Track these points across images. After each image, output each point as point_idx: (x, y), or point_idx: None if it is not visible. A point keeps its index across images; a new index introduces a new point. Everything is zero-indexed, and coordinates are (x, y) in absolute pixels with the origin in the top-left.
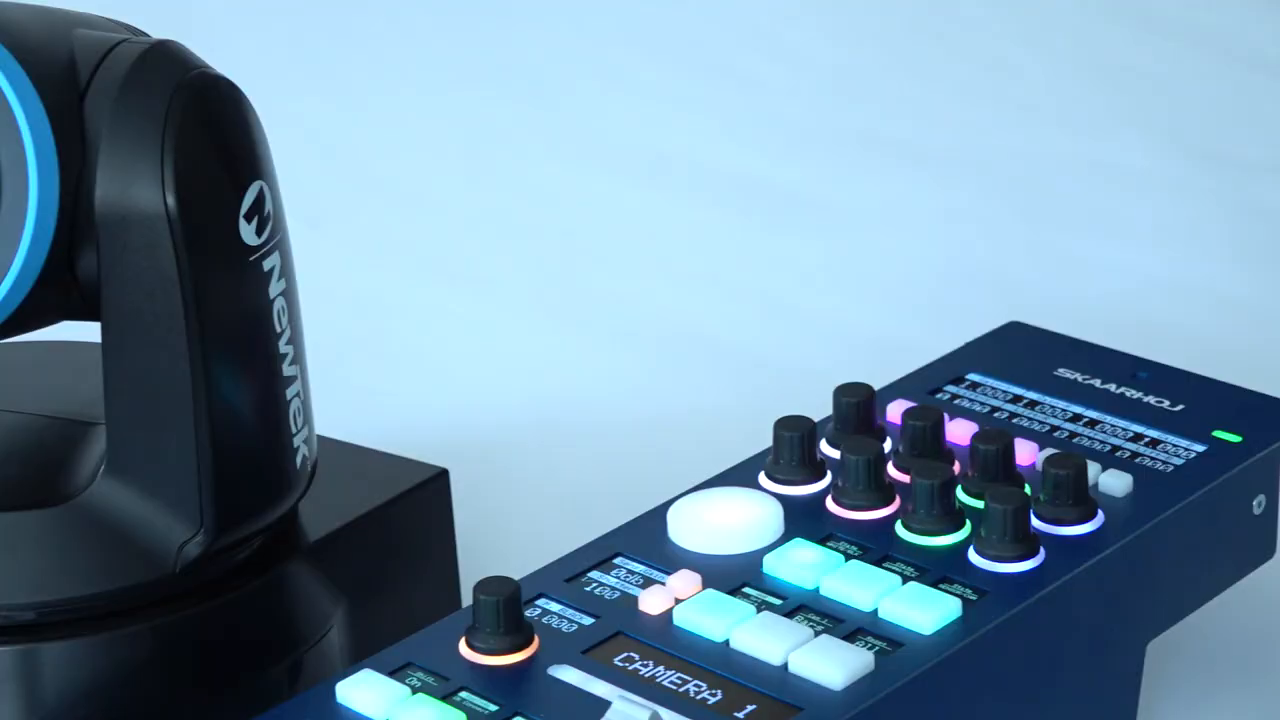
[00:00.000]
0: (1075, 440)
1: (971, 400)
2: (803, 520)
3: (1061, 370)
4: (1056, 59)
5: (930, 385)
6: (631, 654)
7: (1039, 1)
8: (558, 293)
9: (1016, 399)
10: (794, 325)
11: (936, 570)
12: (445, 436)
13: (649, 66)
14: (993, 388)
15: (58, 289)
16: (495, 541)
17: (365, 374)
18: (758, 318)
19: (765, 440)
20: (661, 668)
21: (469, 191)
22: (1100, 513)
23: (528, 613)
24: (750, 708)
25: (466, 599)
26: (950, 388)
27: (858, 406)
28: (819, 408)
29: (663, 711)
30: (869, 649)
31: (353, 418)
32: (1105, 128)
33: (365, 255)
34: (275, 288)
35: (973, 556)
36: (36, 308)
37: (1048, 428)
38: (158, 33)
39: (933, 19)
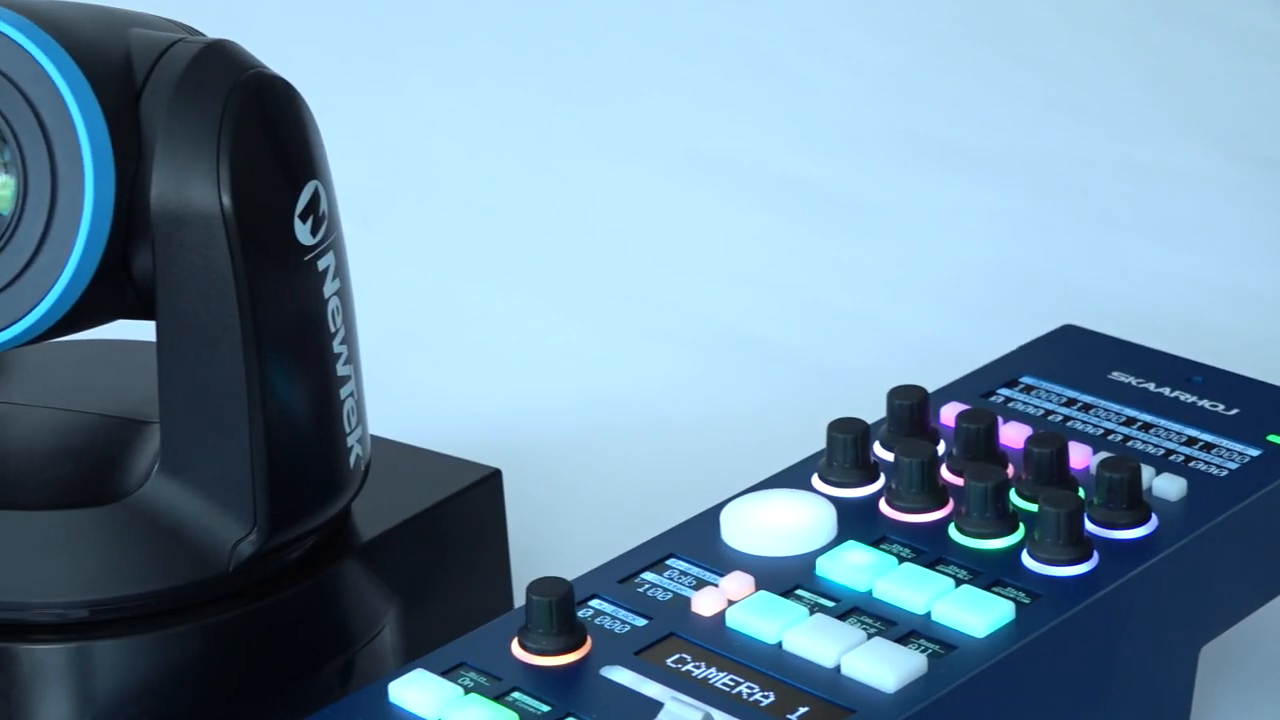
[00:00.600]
0: (1129, 444)
1: (1025, 403)
2: (856, 522)
3: (1116, 373)
4: (1108, 60)
5: (984, 388)
6: (684, 655)
7: (1091, 2)
8: (611, 294)
9: (1070, 402)
10: (847, 327)
11: (990, 573)
12: (498, 437)
13: (700, 67)
14: (1047, 391)
15: (113, 288)
16: (548, 542)
17: (418, 374)
18: (811, 320)
19: (818, 442)
20: (714, 669)
21: (522, 192)
22: (1154, 517)
23: (580, 613)
24: (802, 710)
25: (519, 599)
26: (1004, 390)
27: (911, 409)
28: (872, 410)
29: (715, 713)
30: (922, 652)
31: (406, 418)
32: (1159, 130)
33: (418, 255)
34: (330, 287)
35: (1026, 560)
36: (91, 306)
37: (1102, 431)
38: (214, 32)
39: (983, 20)
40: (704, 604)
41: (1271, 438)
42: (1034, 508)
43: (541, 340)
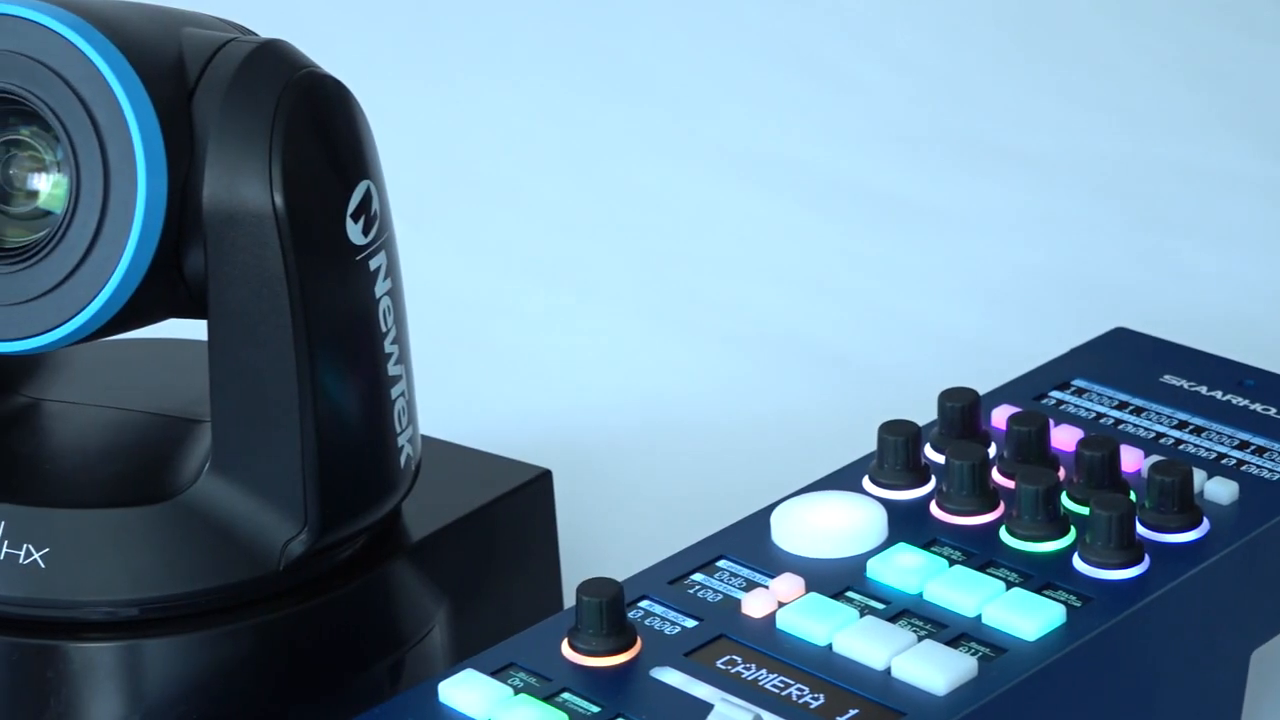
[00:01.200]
0: (1181, 447)
1: (1077, 406)
2: (906, 525)
3: (1167, 377)
4: (1162, 62)
5: (1035, 391)
6: (734, 657)
7: (1144, 5)
8: (662, 295)
9: (1122, 405)
10: (898, 329)
11: (1041, 576)
12: (549, 437)
13: (754, 69)
14: (1098, 394)
15: (164, 286)
16: (598, 543)
17: (469, 374)
18: (862, 321)
19: (868, 444)
20: (764, 671)
21: (573, 193)
22: (1206, 520)
23: (630, 614)
24: (852, 712)
25: (568, 600)
26: (1055, 393)
27: (963, 411)
28: (923, 412)
29: (765, 714)
30: (972, 654)
31: (456, 418)
32: (1211, 132)
33: (470, 255)
34: (381, 287)
35: (1077, 563)
36: (143, 305)
37: (1153, 434)
38: (266, 32)
39: (1037, 22)
40: (754, 605)
41: None
42: (1085, 511)
43: (593, 341)
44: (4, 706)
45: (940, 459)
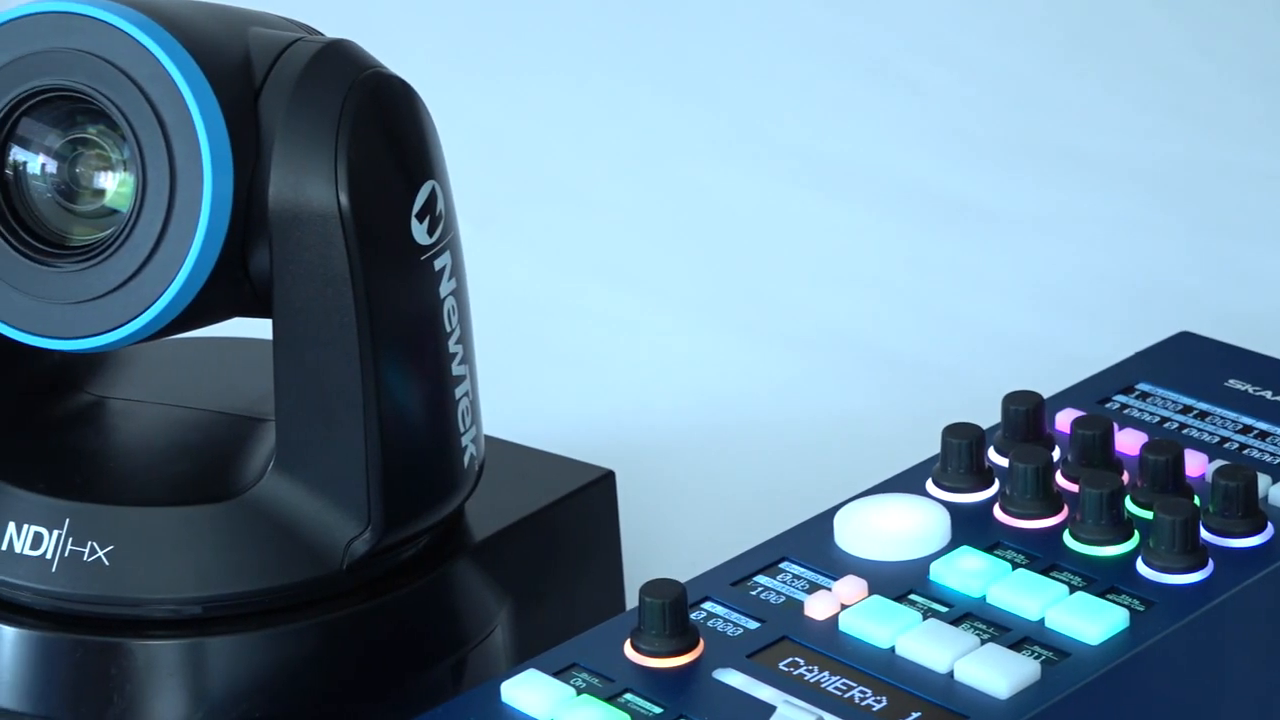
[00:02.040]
0: (1245, 452)
1: (1141, 410)
2: (970, 528)
3: (1232, 381)
4: (1225, 65)
5: (1099, 394)
6: (797, 659)
7: (1207, 7)
8: (726, 296)
9: (1186, 409)
10: (962, 332)
11: (1104, 580)
12: (612, 438)
13: (818, 71)
14: (1162, 398)
15: (229, 285)
16: (660, 544)
17: (532, 375)
18: (926, 324)
19: (932, 447)
20: (826, 673)
21: (636, 194)
22: (1270, 525)
23: (693, 616)
24: (915, 715)
25: (630, 601)
26: (1120, 397)
27: (1027, 415)
28: (987, 415)
29: (827, 717)
30: (1035, 658)
31: (520, 418)
32: (1276, 135)
33: (534, 256)
34: (446, 287)
35: (1141, 567)
36: (209, 303)
37: (1218, 439)
38: (332, 32)
39: (1099, 24)
40: (817, 608)
41: None
42: (1149, 515)
43: (656, 342)
44: (68, 703)
45: (1004, 462)
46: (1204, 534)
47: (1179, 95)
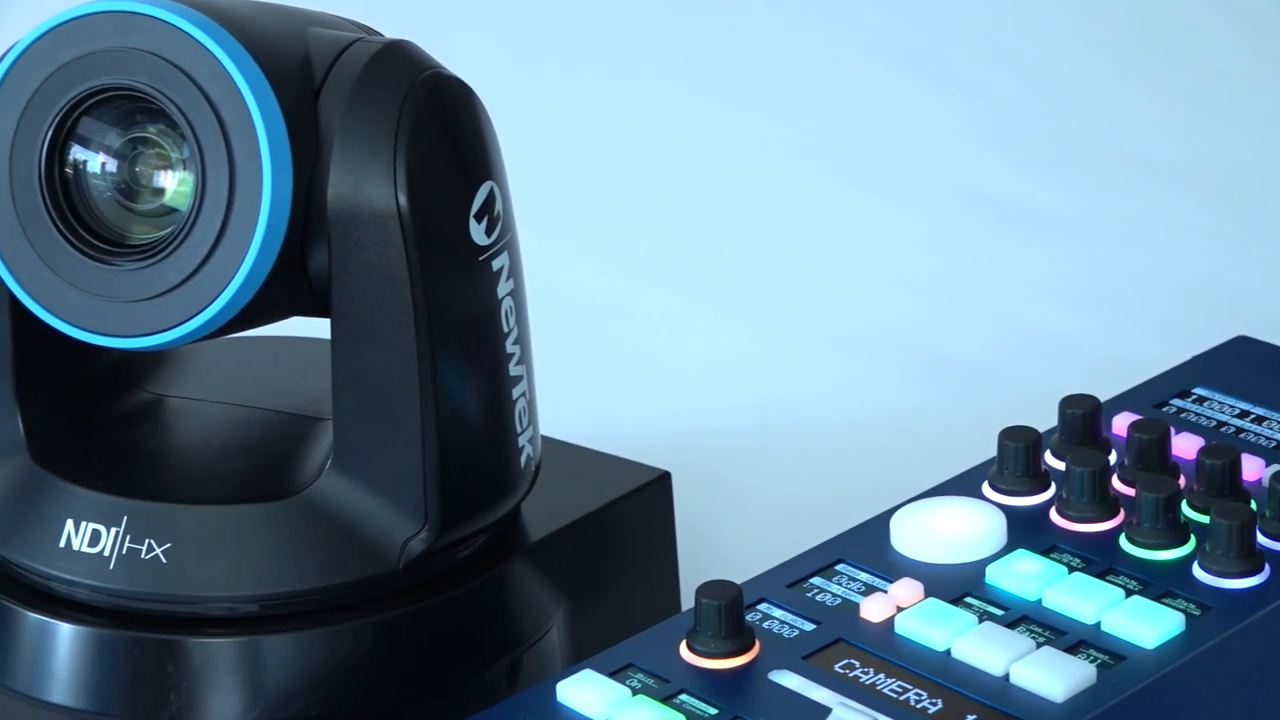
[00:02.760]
0: None
1: (1198, 414)
2: (1026, 531)
3: None
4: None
5: (1156, 398)
6: (852, 661)
7: (1261, 9)
8: (782, 298)
9: (1243, 414)
10: (1019, 335)
11: (1160, 584)
12: (669, 439)
13: (875, 73)
14: (1219, 402)
15: (289, 284)
16: (716, 545)
17: (589, 375)
18: (983, 327)
19: (988, 450)
20: (882, 675)
21: (694, 196)
22: None
23: (749, 617)
24: (970, 718)
25: (686, 602)
26: (1176, 401)
27: (1083, 418)
28: (1043, 418)
29: (882, 719)
30: (1091, 662)
31: (576, 419)
32: None
33: (590, 257)
34: (503, 288)
35: (1197, 571)
36: (268, 303)
37: (1274, 443)
38: (391, 32)
39: (1162, 29)
40: (873, 610)
41: None
42: (1205, 519)
43: (712, 343)
44: (125, 700)
45: (1060, 465)
46: (1260, 538)
47: (1234, 98)
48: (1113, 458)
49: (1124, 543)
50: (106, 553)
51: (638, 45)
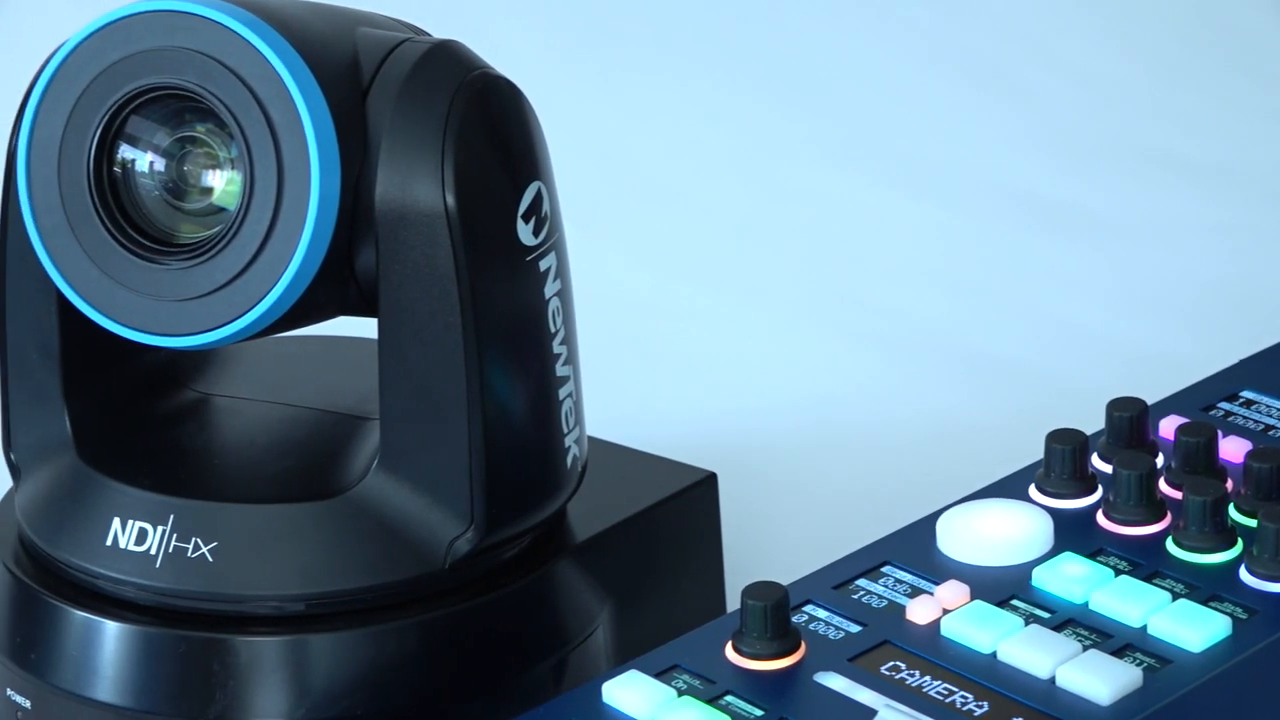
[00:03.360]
0: None
1: (1245, 417)
2: (1073, 534)
3: None
4: None
5: (1204, 401)
6: (898, 663)
7: None
8: (828, 300)
9: None
10: (1066, 338)
11: (1207, 588)
12: (715, 440)
13: (923, 75)
14: (1267, 405)
15: (336, 284)
16: (761, 546)
17: (636, 376)
18: (1030, 329)
19: (1035, 453)
20: (928, 678)
21: (739, 196)
22: None
23: (795, 618)
24: None
25: (732, 603)
26: (1224, 404)
27: (1130, 421)
28: (1090, 421)
29: None
30: (1137, 665)
31: (623, 420)
32: None
33: (637, 258)
34: (551, 288)
35: (1244, 575)
36: (315, 302)
37: None
38: (440, 32)
39: (1205, 29)
40: (919, 612)
41: None
42: (1253, 523)
43: (758, 344)
44: (171, 699)
45: (1107, 468)
46: None
47: (1277, 98)
48: (1160, 461)
49: (1171, 546)
50: (153, 551)
51: (685, 45)
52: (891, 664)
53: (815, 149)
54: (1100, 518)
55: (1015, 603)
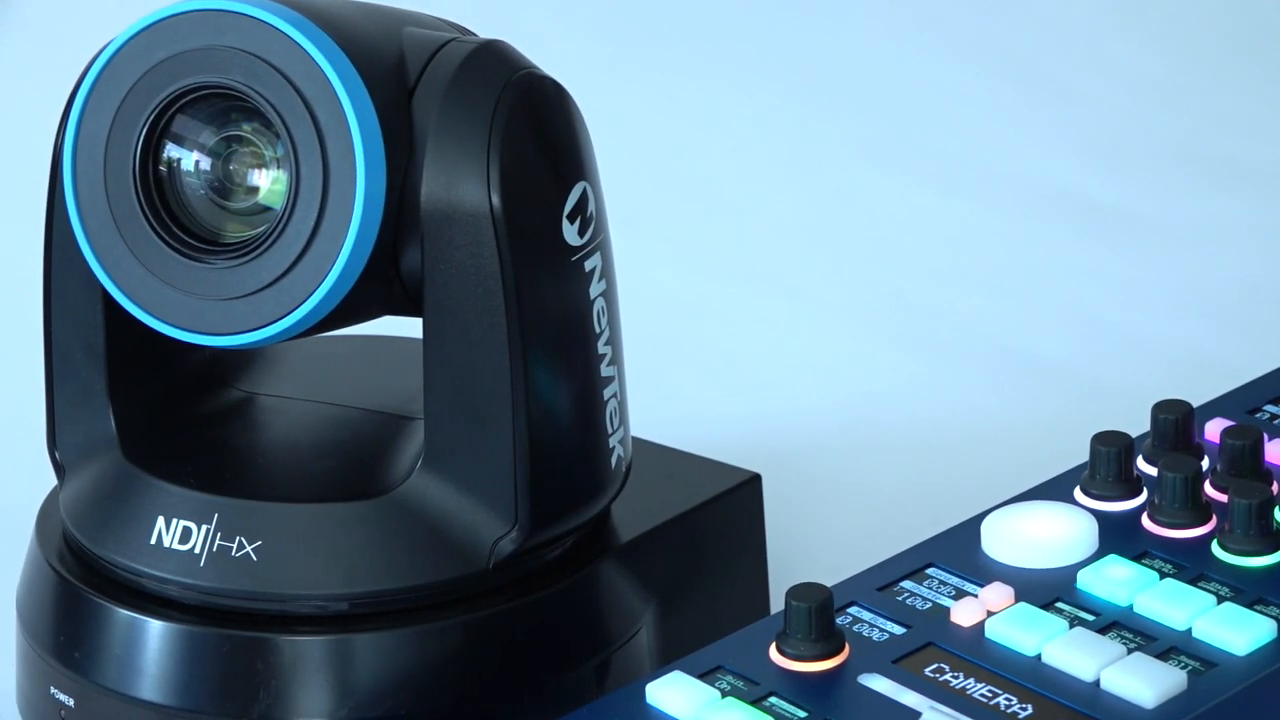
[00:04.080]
0: None
1: None
2: (1118, 536)
3: None
4: None
5: (1250, 404)
6: (942, 665)
7: None
8: (873, 300)
9: None
10: (1111, 340)
11: (1252, 591)
12: (759, 441)
13: (971, 78)
14: None
15: (380, 284)
16: (806, 547)
17: (680, 377)
18: (1076, 331)
19: (1079, 455)
20: (972, 680)
21: (785, 197)
22: None
23: (839, 620)
24: None
25: (776, 604)
26: (1270, 407)
27: (1176, 424)
28: (1136, 424)
29: None
30: (1182, 668)
31: (667, 420)
32: None
33: (682, 259)
34: (596, 288)
35: None
36: (360, 302)
37: None
38: (486, 32)
39: (1253, 33)
40: (963, 614)
41: None
42: None
43: (803, 345)
44: (214, 698)
45: (1153, 471)
46: None
47: None
48: (1205, 464)
49: (1216, 549)
50: (197, 550)
51: (731, 47)
52: (936, 666)
53: (859, 150)
54: (1145, 520)
55: (1060, 605)
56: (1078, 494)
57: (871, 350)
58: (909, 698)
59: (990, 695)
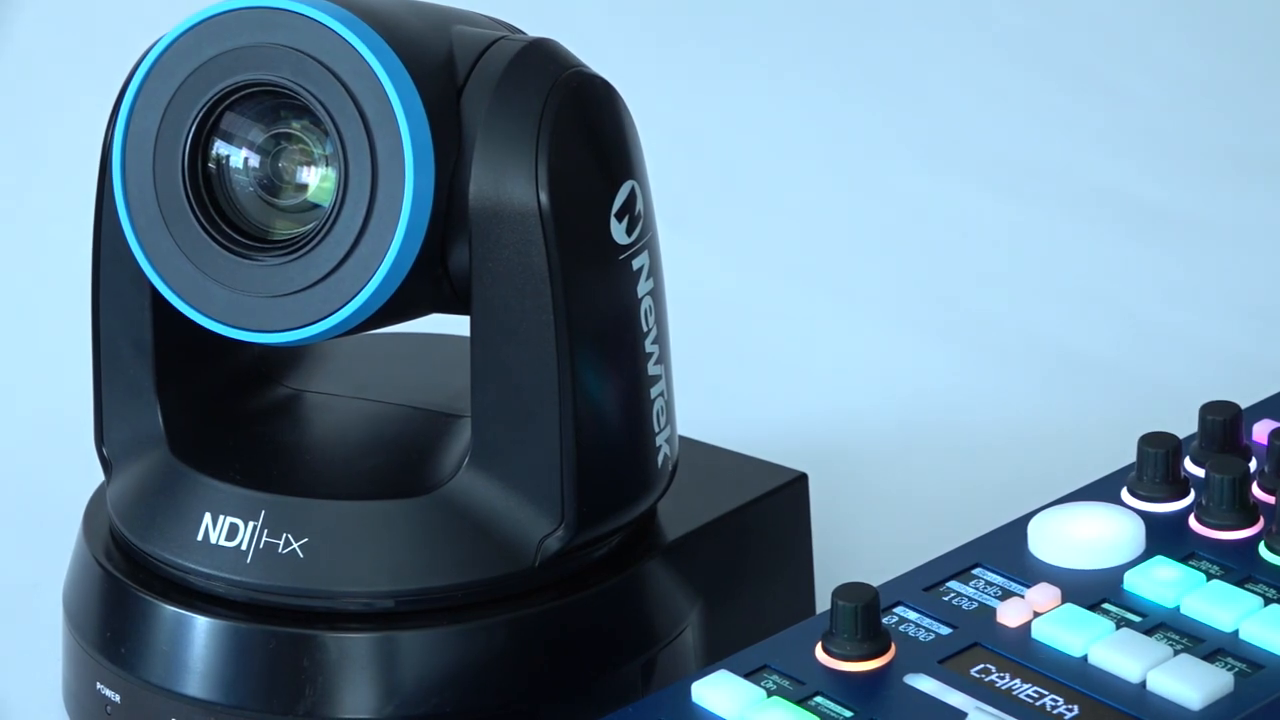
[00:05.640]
0: None
1: None
2: (1165, 538)
3: None
4: None
5: None
6: (988, 665)
7: None
8: (920, 300)
9: None
10: (1159, 341)
11: None
12: (805, 440)
13: (1017, 77)
14: None
15: (429, 281)
16: (852, 547)
17: (726, 375)
18: (1123, 332)
19: (1127, 456)
20: (1018, 681)
21: (834, 197)
22: None
23: (885, 620)
24: None
25: (821, 604)
26: None
27: (1224, 425)
28: (1183, 425)
29: None
30: (1228, 670)
31: (714, 419)
32: None
33: (730, 258)
34: (643, 287)
35: None
36: (408, 299)
37: None
38: (534, 31)
39: None
40: (1009, 614)
41: None
42: None
43: (850, 345)
44: (260, 694)
45: (1200, 472)
46: None
47: None
48: (1253, 465)
49: (1263, 550)
50: (244, 546)
51: (781, 45)
52: (982, 666)
53: (908, 150)
54: (1192, 522)
55: (1106, 606)
56: (1125, 495)
57: (918, 349)
58: (955, 698)
59: (1036, 696)
